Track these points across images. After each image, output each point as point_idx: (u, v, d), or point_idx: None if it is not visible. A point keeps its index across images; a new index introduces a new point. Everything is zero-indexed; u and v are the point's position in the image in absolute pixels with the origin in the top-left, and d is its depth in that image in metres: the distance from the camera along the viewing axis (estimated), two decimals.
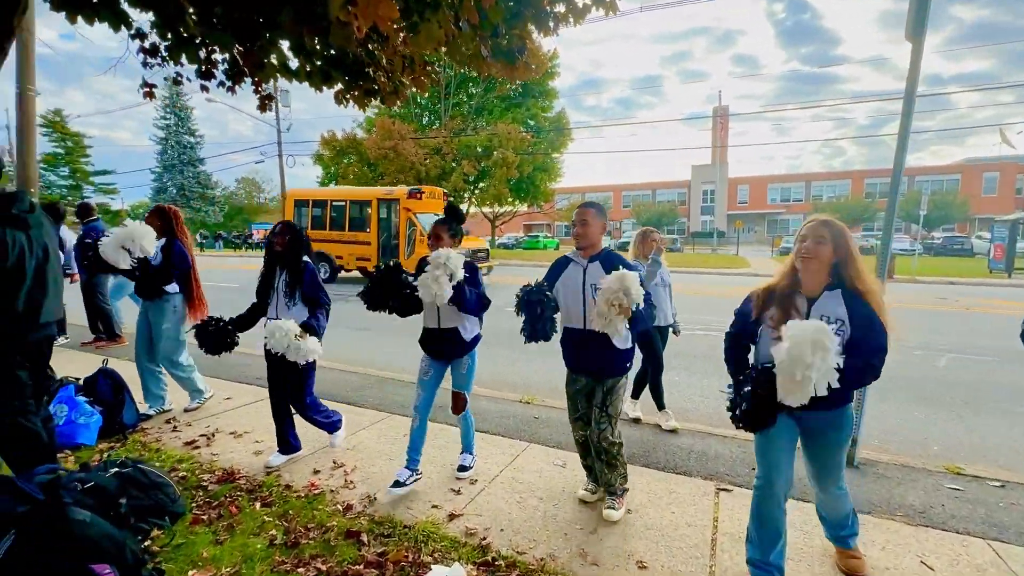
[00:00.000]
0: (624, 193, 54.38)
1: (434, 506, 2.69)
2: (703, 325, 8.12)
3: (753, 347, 2.09)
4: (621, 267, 2.45)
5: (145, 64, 3.76)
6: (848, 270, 1.88)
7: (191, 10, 2.53)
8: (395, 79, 3.97)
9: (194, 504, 2.62)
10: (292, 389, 3.18)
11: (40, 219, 2.45)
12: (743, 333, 2.09)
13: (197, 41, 3.31)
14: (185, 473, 2.98)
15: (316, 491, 2.81)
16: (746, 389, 1.86)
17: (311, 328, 3.04)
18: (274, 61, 3.41)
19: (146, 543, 2.22)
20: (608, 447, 2.57)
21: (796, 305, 1.92)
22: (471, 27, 3.18)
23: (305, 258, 3.20)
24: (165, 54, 3.77)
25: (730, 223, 45.20)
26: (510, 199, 29.14)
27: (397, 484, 2.78)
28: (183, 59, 3.62)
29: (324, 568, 2.12)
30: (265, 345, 2.98)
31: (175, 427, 3.75)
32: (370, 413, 4.13)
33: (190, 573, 2.05)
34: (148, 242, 3.55)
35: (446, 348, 2.91)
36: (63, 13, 2.42)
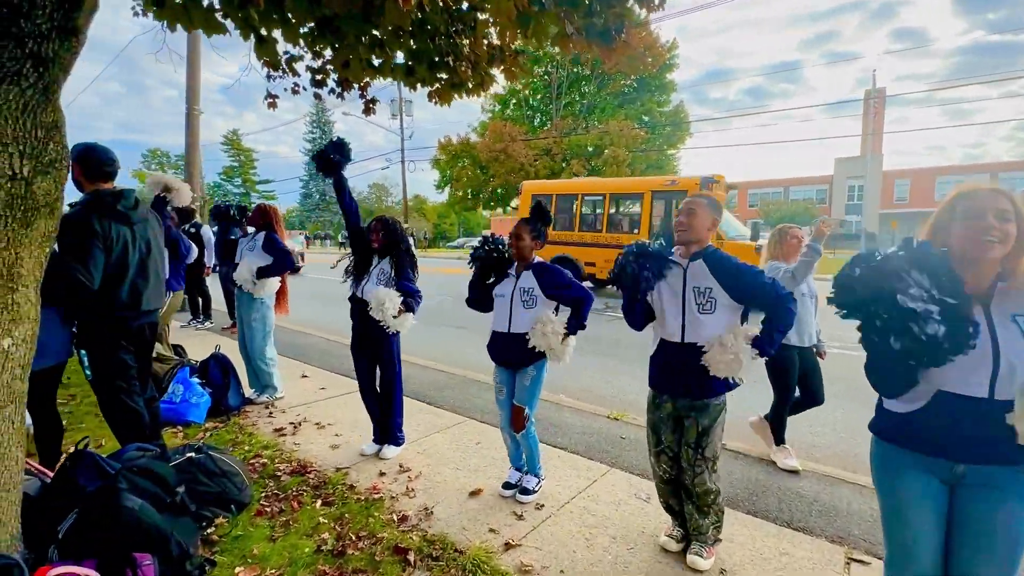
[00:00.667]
0: (751, 192, 49.57)
1: (492, 530, 2.44)
2: (839, 342, 6.87)
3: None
4: (737, 267, 2.02)
5: (268, 77, 4.09)
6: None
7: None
8: (481, 69, 3.81)
9: (263, 494, 2.67)
10: (384, 379, 3.26)
11: (144, 214, 2.66)
12: None
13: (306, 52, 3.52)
14: (266, 460, 3.10)
15: (376, 495, 2.72)
16: None
17: (410, 308, 3.12)
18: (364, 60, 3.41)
19: (209, 530, 2.27)
20: (703, 494, 2.13)
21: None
22: (553, 2, 2.88)
23: (403, 248, 3.26)
24: (285, 67, 4.07)
25: (883, 223, 38.87)
26: None
27: (508, 486, 2.78)
28: (298, 69, 3.99)
29: None
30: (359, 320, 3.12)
31: (271, 413, 3.98)
32: (447, 416, 4.01)
33: (237, 570, 2.03)
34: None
35: (513, 355, 2.66)
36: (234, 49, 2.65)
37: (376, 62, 3.41)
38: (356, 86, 4.27)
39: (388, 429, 3.29)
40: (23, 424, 1.67)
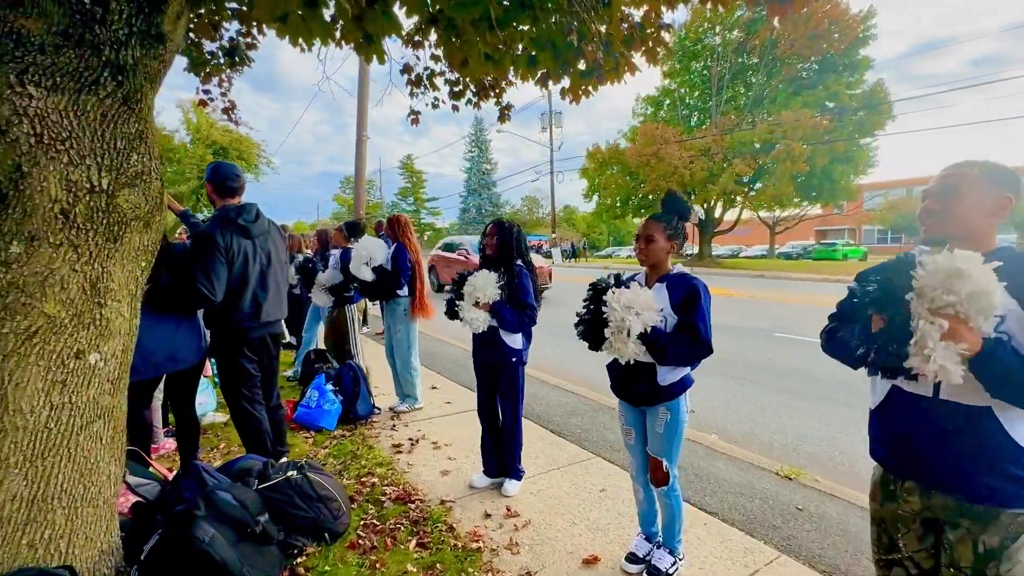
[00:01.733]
0: None
1: None
2: None
3: None
4: None
5: (411, 94, 4.20)
6: None
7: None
8: (615, 50, 3.29)
9: (362, 522, 2.51)
10: (504, 411, 2.91)
11: (266, 228, 2.73)
12: None
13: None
14: (376, 480, 2.98)
15: (475, 543, 2.35)
16: None
17: (498, 313, 2.71)
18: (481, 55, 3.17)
19: (298, 559, 2.14)
20: None
21: None
22: None
23: (519, 262, 2.84)
24: (427, 83, 4.13)
25: None
26: (795, 199, 24.37)
27: (633, 559, 2.21)
28: (438, 83, 4.05)
29: None
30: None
31: (394, 425, 3.95)
32: (570, 449, 3.52)
33: None
34: (377, 252, 3.95)
35: (636, 390, 2.09)
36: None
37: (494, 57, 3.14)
38: (492, 95, 4.16)
39: (505, 462, 2.94)
40: (119, 438, 1.67)
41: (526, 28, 3.06)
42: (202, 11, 3.28)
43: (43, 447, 1.43)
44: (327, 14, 2.75)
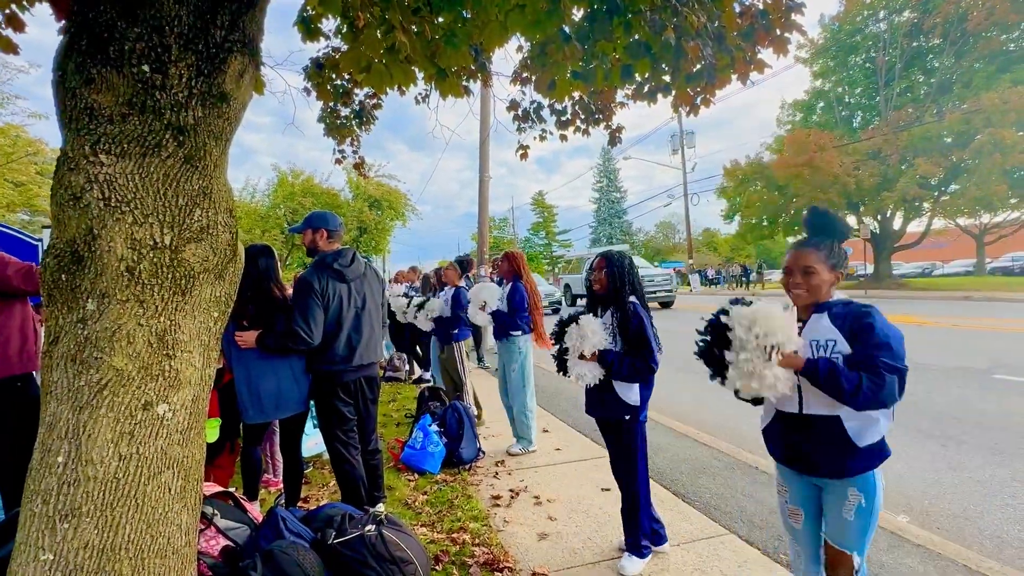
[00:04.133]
0: None
1: None
2: None
3: None
4: None
5: (519, 129, 4.22)
6: None
7: None
8: (730, 43, 2.83)
9: None
10: (618, 472, 2.52)
11: (361, 271, 2.77)
12: None
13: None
14: (467, 538, 2.75)
15: None
16: None
17: (605, 362, 2.35)
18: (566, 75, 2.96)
19: None
20: None
21: None
22: None
23: (632, 299, 2.44)
24: (534, 116, 4.12)
25: None
26: (1011, 199, 19.32)
27: None
28: (544, 115, 4.03)
29: None
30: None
31: (497, 473, 3.72)
32: (696, 519, 2.91)
33: None
34: (490, 296, 4.04)
35: (815, 453, 1.59)
36: None
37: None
38: (601, 119, 3.97)
39: (628, 531, 2.49)
40: (192, 487, 1.69)
41: (619, 37, 2.78)
42: (321, 79, 3.65)
43: (112, 497, 1.47)
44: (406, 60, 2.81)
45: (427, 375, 6.74)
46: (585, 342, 2.35)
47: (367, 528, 2.18)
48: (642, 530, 2.45)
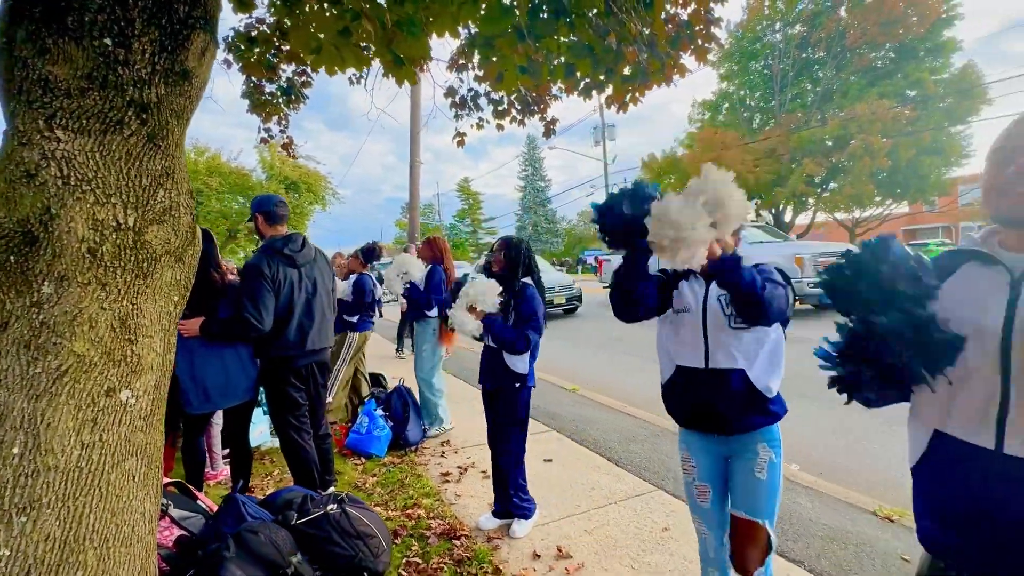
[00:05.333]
0: None
1: None
2: None
3: None
4: None
5: (456, 116, 4.23)
6: None
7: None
8: (660, 50, 3.10)
9: (404, 559, 2.39)
10: (504, 424, 2.67)
11: (312, 257, 2.74)
12: None
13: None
14: (422, 512, 2.86)
15: None
16: None
17: (489, 326, 2.52)
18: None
19: None
20: None
21: None
22: None
23: (527, 280, 2.65)
24: (471, 104, 4.15)
25: None
26: (876, 198, 22.38)
27: None
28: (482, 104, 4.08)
29: None
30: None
31: (444, 452, 3.84)
32: (630, 481, 3.24)
33: None
34: (414, 269, 3.95)
35: (724, 408, 1.56)
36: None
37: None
38: (537, 111, 4.10)
39: (511, 499, 2.67)
40: (154, 474, 1.66)
41: (563, 37, 2.95)
42: (247, 51, 3.47)
43: (75, 487, 1.42)
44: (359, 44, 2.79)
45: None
46: (479, 299, 2.50)
47: (330, 507, 2.23)
48: (523, 495, 2.66)
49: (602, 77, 3.23)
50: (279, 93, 4.06)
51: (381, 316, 7.86)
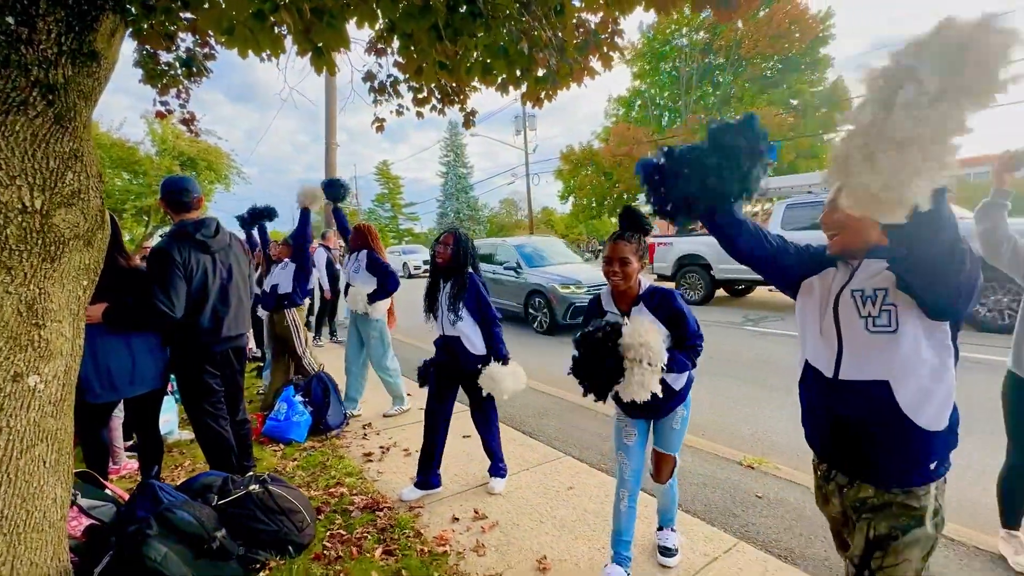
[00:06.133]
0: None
1: None
2: None
3: None
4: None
5: (375, 102, 4.18)
6: None
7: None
8: (569, 56, 3.36)
9: (328, 532, 2.50)
10: (477, 405, 2.97)
11: (226, 242, 2.71)
12: None
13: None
14: (344, 490, 2.97)
15: (441, 548, 2.38)
16: None
17: (495, 350, 2.82)
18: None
19: (261, 573, 2.13)
20: None
21: None
22: None
23: (470, 270, 2.89)
24: (390, 90, 4.12)
25: None
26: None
27: None
28: (401, 91, 4.06)
29: None
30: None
31: (366, 435, 3.93)
32: (541, 450, 3.56)
33: None
34: (360, 303, 4.04)
35: (653, 407, 1.97)
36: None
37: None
38: (457, 101, 4.18)
39: (490, 462, 3.04)
40: (65, 460, 1.64)
41: (480, 36, 3.11)
42: (153, 23, 3.25)
43: None
44: (275, 27, 2.77)
45: (257, 351, 6.30)
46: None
47: (252, 487, 2.29)
48: (499, 456, 3.01)
49: (518, 74, 3.43)
50: (178, 64, 3.82)
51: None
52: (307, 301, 5.32)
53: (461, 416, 4.15)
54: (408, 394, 4.90)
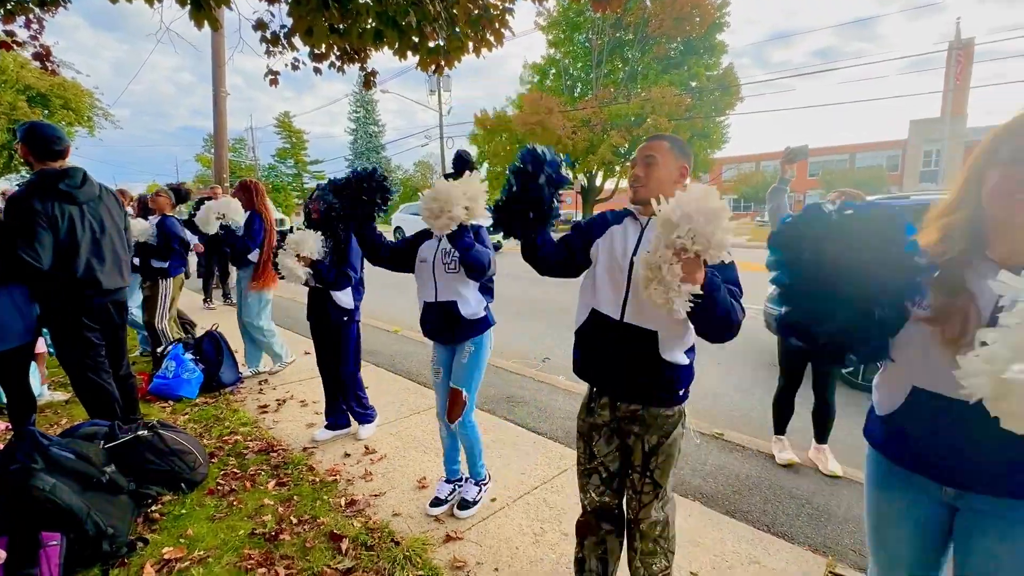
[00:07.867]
0: (811, 160, 46.05)
1: (437, 519, 2.33)
2: None
3: None
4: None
5: (268, 53, 4.01)
6: None
7: None
8: (461, 30, 3.56)
9: (223, 472, 2.68)
10: (332, 351, 3.10)
11: (95, 194, 2.64)
12: None
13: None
14: (239, 438, 3.12)
15: (332, 478, 2.67)
16: None
17: (317, 271, 2.87)
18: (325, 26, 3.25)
19: (154, 506, 2.29)
20: (648, 529, 1.59)
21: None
22: None
23: (342, 226, 3.00)
24: (284, 42, 3.98)
25: None
26: None
27: (437, 503, 2.39)
28: (296, 44, 3.91)
29: (284, 574, 1.92)
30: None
31: (262, 389, 4.04)
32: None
33: (165, 550, 2.03)
34: (236, 213, 3.89)
35: (444, 328, 2.27)
36: None
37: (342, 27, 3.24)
38: (357, 60, 4.16)
39: (354, 410, 3.20)
40: None
41: (371, 4, 3.21)
42: None
43: None
44: None
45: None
46: (304, 248, 2.85)
47: (140, 432, 2.40)
48: (363, 405, 3.22)
49: (414, 42, 3.55)
50: None
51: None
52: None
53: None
54: (307, 352, 5.01)
